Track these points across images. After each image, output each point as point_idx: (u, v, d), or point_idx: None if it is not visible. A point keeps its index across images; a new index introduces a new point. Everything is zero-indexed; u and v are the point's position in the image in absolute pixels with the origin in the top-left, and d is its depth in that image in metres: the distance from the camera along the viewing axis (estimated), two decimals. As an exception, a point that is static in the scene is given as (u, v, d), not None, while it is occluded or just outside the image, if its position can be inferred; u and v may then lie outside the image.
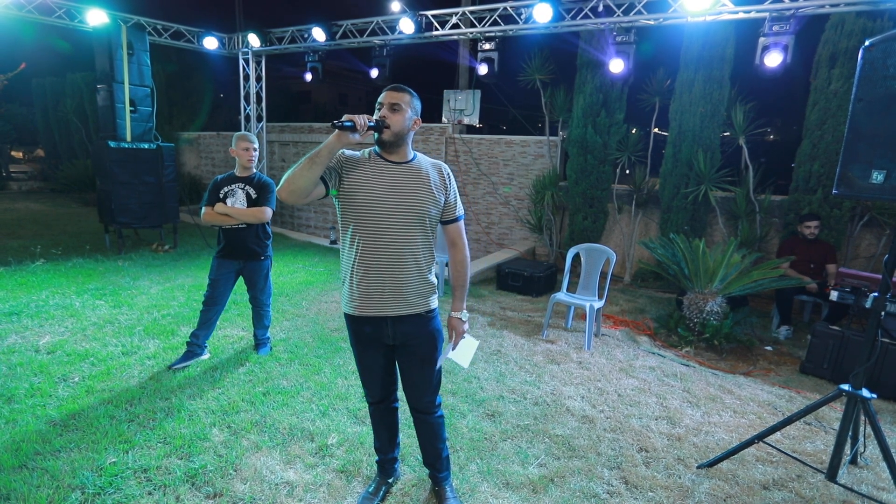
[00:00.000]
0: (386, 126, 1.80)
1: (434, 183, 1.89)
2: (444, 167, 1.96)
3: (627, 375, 3.67)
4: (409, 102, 1.84)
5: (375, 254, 1.83)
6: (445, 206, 1.94)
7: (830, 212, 5.24)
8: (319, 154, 1.69)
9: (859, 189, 2.08)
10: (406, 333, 1.93)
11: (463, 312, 2.03)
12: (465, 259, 2.02)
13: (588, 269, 4.54)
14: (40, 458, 2.36)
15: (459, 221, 2.00)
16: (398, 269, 1.84)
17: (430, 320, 1.96)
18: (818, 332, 3.87)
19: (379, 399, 2.13)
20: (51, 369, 3.24)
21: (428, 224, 1.88)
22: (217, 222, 3.26)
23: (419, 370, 2.00)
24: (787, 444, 2.85)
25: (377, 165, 1.86)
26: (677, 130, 6.01)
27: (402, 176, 1.85)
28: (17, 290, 4.75)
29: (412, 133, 1.90)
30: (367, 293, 1.86)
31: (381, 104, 1.83)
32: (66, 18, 6.49)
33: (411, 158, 1.91)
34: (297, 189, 1.72)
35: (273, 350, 3.73)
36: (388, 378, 2.09)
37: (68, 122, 13.10)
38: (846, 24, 5.02)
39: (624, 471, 2.52)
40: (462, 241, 2.01)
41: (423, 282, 1.91)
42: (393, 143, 1.84)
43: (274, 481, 2.31)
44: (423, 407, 2.07)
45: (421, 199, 1.84)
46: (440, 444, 2.14)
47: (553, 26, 5.60)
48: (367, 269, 1.84)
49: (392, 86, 1.86)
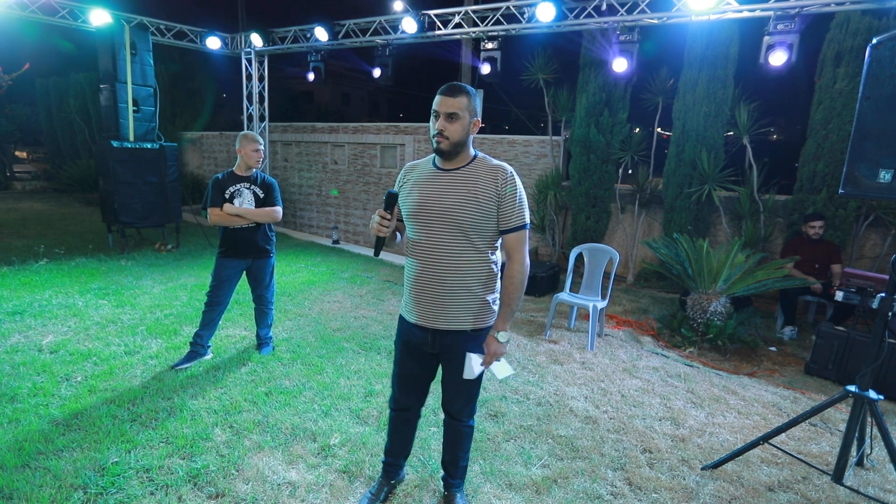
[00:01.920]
0: (445, 137, 1.70)
1: (481, 188, 1.72)
2: (504, 171, 1.74)
3: (631, 376, 3.66)
4: (467, 106, 1.70)
5: (424, 264, 1.80)
6: (500, 213, 1.74)
7: (835, 212, 5.21)
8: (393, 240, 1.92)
9: (866, 188, 2.06)
10: (449, 345, 1.86)
11: (502, 333, 1.81)
12: (519, 274, 1.78)
13: (591, 269, 4.53)
14: (43, 457, 2.36)
15: (518, 232, 1.76)
16: (445, 282, 1.76)
17: (477, 337, 1.84)
18: (823, 333, 3.84)
19: (405, 407, 2.10)
20: (53, 368, 3.24)
21: (473, 238, 1.74)
22: (226, 223, 3.25)
23: (456, 379, 1.93)
24: (792, 445, 2.83)
25: (426, 172, 1.83)
26: (681, 130, 5.99)
27: (446, 183, 1.76)
28: (21, 289, 4.76)
29: (472, 136, 1.77)
30: (417, 301, 1.85)
31: (437, 113, 1.71)
32: (70, 18, 6.50)
33: (468, 162, 1.78)
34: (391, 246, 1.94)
35: (275, 350, 3.72)
36: (420, 388, 2.06)
37: (72, 122, 13.15)
38: (851, 23, 4.99)
39: (628, 472, 2.50)
40: (519, 255, 1.78)
41: (474, 299, 1.78)
42: (452, 152, 1.74)
43: (276, 482, 2.31)
44: (454, 412, 2.03)
45: (460, 207, 1.71)
46: (461, 452, 2.11)
47: (556, 25, 5.59)
48: (415, 278, 1.84)
49: (447, 88, 1.72)
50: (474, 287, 1.80)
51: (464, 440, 2.09)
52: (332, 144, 9.52)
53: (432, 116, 1.75)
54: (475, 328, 1.84)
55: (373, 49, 6.94)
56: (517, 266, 1.80)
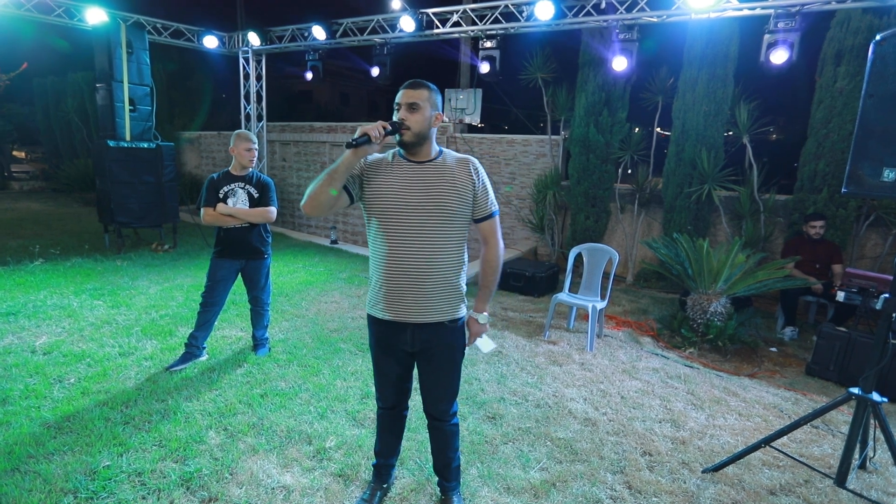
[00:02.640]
0: (406, 128, 1.73)
1: (459, 179, 1.79)
2: (472, 161, 1.85)
3: (630, 377, 3.62)
4: (428, 98, 1.76)
5: (399, 257, 1.77)
6: (475, 202, 1.83)
7: (836, 211, 5.18)
8: (337, 170, 1.68)
9: (869, 187, 2.03)
10: (427, 341, 1.86)
11: (483, 315, 1.95)
12: (497, 258, 1.91)
13: (590, 269, 4.49)
14: (33, 461, 2.32)
15: (493, 218, 1.88)
16: (422, 273, 1.77)
17: (453, 330, 1.88)
18: (824, 334, 3.81)
19: (390, 405, 2.08)
20: (47, 370, 3.20)
21: (456, 225, 1.80)
22: (219, 223, 3.21)
23: (437, 377, 1.94)
24: (794, 447, 2.80)
25: (400, 167, 1.80)
26: (680, 129, 5.96)
27: (425, 175, 1.78)
28: (15, 290, 4.72)
29: (435, 129, 1.82)
30: (391, 297, 1.81)
31: (399, 104, 1.76)
32: (65, 17, 6.46)
33: (436, 156, 1.83)
34: (320, 204, 1.73)
35: (271, 351, 3.69)
36: (402, 385, 2.04)
37: (69, 122, 13.09)
38: (852, 21, 4.96)
39: (627, 475, 2.47)
40: (495, 239, 1.90)
41: (450, 288, 1.83)
42: (415, 144, 1.77)
43: (270, 485, 2.27)
44: (438, 414, 2.02)
45: (445, 198, 1.75)
46: (451, 452, 2.09)
47: (555, 24, 5.55)
48: (390, 273, 1.79)
49: (409, 83, 1.78)
50: (451, 274, 1.83)
51: (452, 440, 2.06)
52: (330, 144, 9.48)
53: (395, 110, 1.78)
54: (451, 319, 1.87)
55: (371, 48, 6.90)
56: (494, 251, 1.91)
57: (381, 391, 2.06)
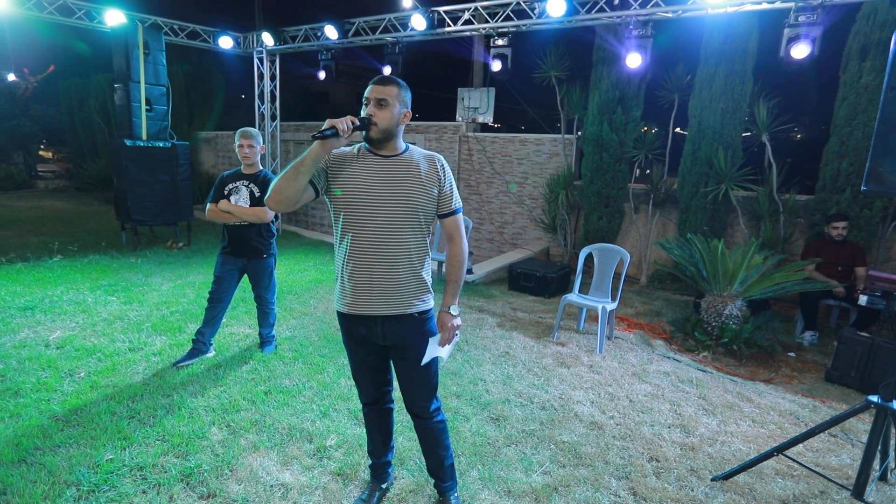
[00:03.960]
0: (373, 124, 1.73)
1: (425, 174, 1.80)
2: (437, 158, 1.87)
3: (640, 380, 3.54)
4: (398, 95, 1.75)
5: (366, 251, 1.76)
6: (440, 198, 1.85)
7: (860, 212, 4.99)
8: (304, 163, 1.66)
9: (891, 185, 1.93)
10: (397, 335, 1.85)
11: (454, 307, 1.92)
12: (462, 254, 1.92)
13: (601, 269, 4.41)
14: (39, 453, 2.36)
15: (457, 214, 1.90)
16: (389, 266, 1.77)
17: (423, 322, 1.88)
18: (845, 339, 3.66)
19: (372, 400, 2.07)
20: (58, 364, 3.26)
21: (422, 218, 1.80)
22: (220, 219, 3.24)
23: (411, 373, 1.93)
24: (809, 457, 2.69)
25: (366, 161, 1.80)
26: (697, 127, 5.81)
27: (391, 169, 1.78)
28: (34, 285, 4.84)
29: (402, 127, 1.82)
30: (358, 291, 1.80)
31: (368, 99, 1.75)
32: (86, 19, 6.61)
33: (402, 151, 1.83)
34: (285, 199, 1.71)
35: (278, 348, 3.70)
36: (381, 378, 2.03)
37: (92, 122, 13.43)
38: (879, 14, 4.77)
39: (633, 481, 2.40)
40: (459, 236, 1.92)
41: (416, 280, 1.83)
42: (382, 140, 1.77)
43: (269, 482, 2.27)
44: (418, 411, 2.00)
45: (411, 192, 1.76)
46: (442, 451, 2.05)
47: (567, 20, 5.46)
48: (357, 267, 1.78)
49: (378, 78, 1.78)
50: (418, 267, 1.84)
51: (440, 437, 2.03)
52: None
53: (363, 105, 1.77)
54: (420, 311, 1.86)
55: (383, 47, 6.90)
56: (458, 247, 1.92)
57: (361, 387, 2.05)
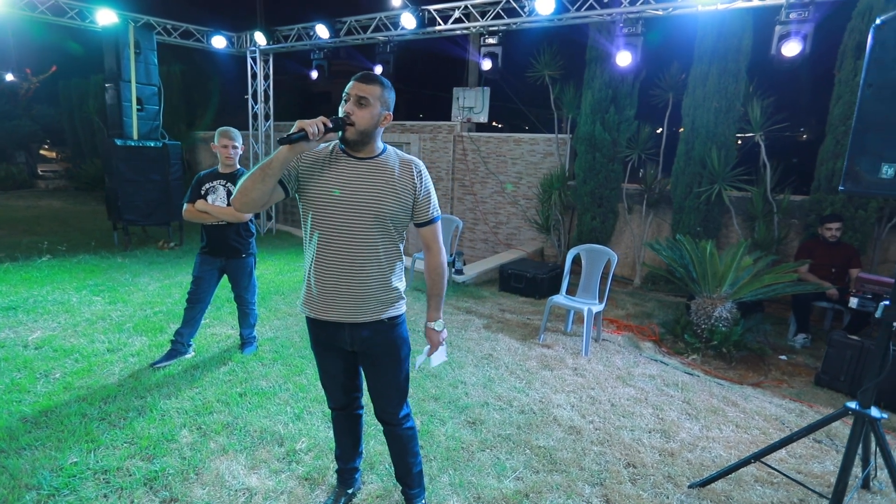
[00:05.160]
0: (349, 124, 1.63)
1: (399, 180, 1.72)
2: (416, 164, 1.77)
3: (624, 384, 3.47)
4: (380, 96, 1.65)
5: (333, 255, 1.69)
6: (416, 206, 1.76)
7: (855, 213, 4.90)
8: (270, 165, 1.57)
9: (867, 185, 1.86)
10: (365, 340, 1.79)
11: (438, 322, 1.90)
12: (441, 265, 1.85)
13: (588, 270, 4.35)
14: (3, 455, 2.33)
15: (434, 224, 1.82)
16: (356, 272, 1.69)
17: (392, 328, 1.81)
18: (835, 342, 3.59)
19: (341, 405, 2.02)
20: (34, 365, 3.24)
21: (392, 226, 1.72)
22: (197, 219, 3.21)
23: (381, 379, 1.87)
24: (791, 463, 2.63)
25: (338, 161, 1.70)
26: (690, 127, 5.74)
27: (363, 172, 1.69)
28: (20, 285, 4.82)
29: (381, 129, 1.73)
30: (323, 296, 1.73)
31: (348, 95, 1.65)
32: (78, 19, 6.60)
33: (378, 153, 1.74)
34: (251, 201, 1.62)
35: (259, 349, 3.66)
36: (349, 384, 1.97)
37: (91, 122, 13.47)
38: (874, 12, 4.67)
39: (607, 488, 2.34)
40: (437, 246, 1.84)
41: (385, 288, 1.75)
42: (358, 142, 1.68)
43: (234, 487, 2.23)
44: (388, 418, 1.94)
45: (382, 198, 1.67)
46: (410, 458, 2.00)
47: (557, 19, 5.40)
48: (323, 271, 1.71)
49: (361, 74, 1.67)
50: (388, 274, 1.76)
51: (409, 444, 1.98)
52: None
53: (342, 101, 1.67)
54: (390, 317, 1.79)
55: (375, 46, 6.86)
56: (437, 257, 1.85)
57: (329, 392, 1.99)
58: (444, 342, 1.95)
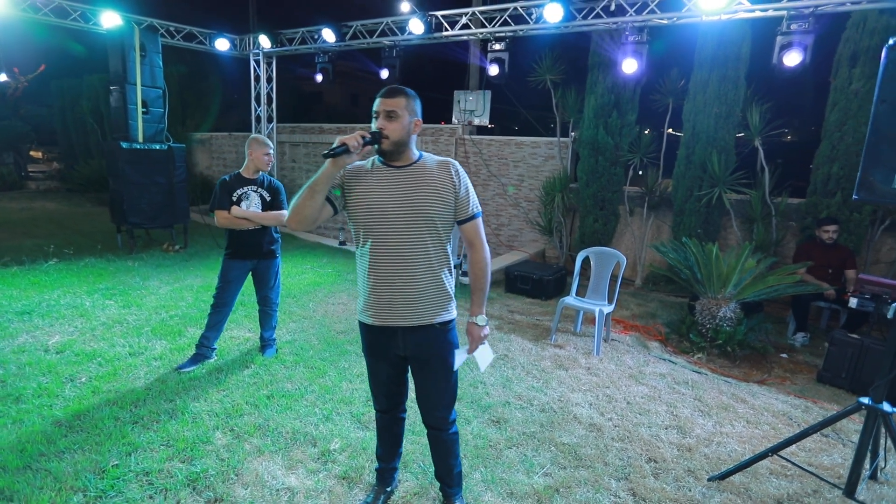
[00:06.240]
0: (384, 137, 1.74)
1: (440, 180, 1.81)
2: (452, 164, 1.86)
3: (637, 382, 3.59)
4: (406, 106, 1.76)
5: (386, 261, 1.78)
6: (457, 204, 1.84)
7: (850, 216, 5.09)
8: (318, 182, 1.70)
9: (881, 194, 2.00)
10: (418, 345, 1.87)
11: (480, 317, 1.93)
12: (484, 260, 1.90)
13: (598, 272, 4.47)
14: (44, 459, 2.37)
15: (476, 219, 1.88)
16: (411, 276, 1.78)
17: (445, 333, 1.89)
18: (836, 340, 3.75)
19: (386, 408, 2.09)
20: (59, 369, 3.26)
21: (439, 226, 1.80)
22: (233, 226, 3.26)
23: (431, 384, 1.95)
24: (802, 456, 2.76)
25: (380, 173, 1.82)
26: (691, 131, 5.90)
27: (406, 178, 1.79)
28: (30, 289, 4.81)
29: (415, 136, 1.84)
30: (380, 303, 1.81)
31: (377, 112, 1.77)
32: (82, 21, 6.58)
33: (416, 159, 1.84)
34: (304, 218, 1.75)
35: (278, 352, 3.72)
36: (396, 390, 2.05)
37: (85, 123, 13.32)
38: (868, 22, 4.87)
39: (632, 482, 2.45)
40: (480, 241, 1.90)
41: (437, 289, 1.83)
42: (394, 152, 1.78)
43: (275, 487, 2.29)
44: (436, 422, 2.01)
45: (427, 200, 1.77)
46: (453, 460, 2.09)
47: (564, 26, 5.53)
48: (378, 279, 1.80)
49: (386, 90, 1.79)
50: (437, 276, 1.83)
51: (452, 448, 2.06)
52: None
53: (373, 118, 1.79)
54: (441, 321, 1.86)
55: (380, 50, 6.93)
56: (480, 253, 1.90)
57: (375, 395, 2.08)
58: (487, 340, 1.99)
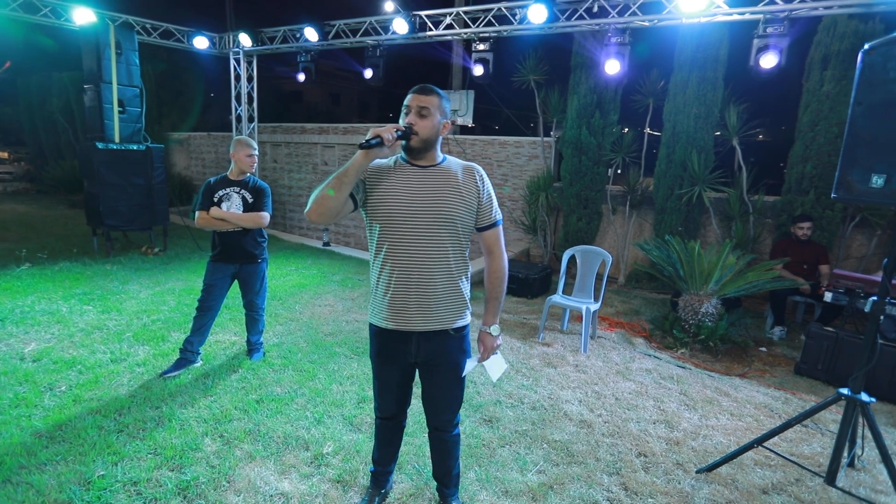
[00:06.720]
0: (414, 133, 1.70)
1: (464, 184, 1.77)
2: (476, 168, 1.82)
3: (624, 378, 3.66)
4: (438, 105, 1.73)
5: (403, 263, 1.73)
6: (479, 209, 1.80)
7: (823, 213, 5.27)
8: (347, 174, 1.63)
9: (859, 193, 2.07)
10: (431, 351, 1.83)
11: (494, 327, 1.91)
12: (503, 269, 1.87)
13: (584, 271, 4.53)
14: (25, 471, 2.29)
15: (497, 227, 1.85)
16: (428, 279, 1.74)
17: (459, 340, 1.86)
18: (812, 334, 3.88)
19: (391, 415, 2.07)
20: (36, 378, 3.15)
21: (460, 230, 1.76)
22: (212, 226, 3.20)
23: (441, 389, 1.93)
24: (784, 446, 2.85)
25: (404, 172, 1.76)
26: (671, 131, 6.02)
27: (429, 180, 1.75)
28: (2, 295, 4.63)
29: (441, 138, 1.79)
30: (395, 306, 1.77)
31: (409, 108, 1.72)
32: (52, 17, 6.35)
33: (440, 161, 1.80)
34: (327, 211, 1.66)
35: (266, 356, 3.66)
36: (402, 396, 2.03)
37: (55, 122, 12.88)
38: (838, 27, 5.05)
39: (623, 476, 2.50)
40: (500, 250, 1.87)
41: (454, 294, 1.80)
42: (421, 150, 1.74)
43: (268, 493, 2.26)
44: (441, 425, 2.01)
45: (450, 203, 1.72)
46: (452, 461, 2.09)
47: (548, 27, 5.58)
48: (394, 280, 1.75)
49: (419, 87, 1.74)
50: (456, 281, 1.80)
51: (453, 450, 2.07)
52: (322, 145, 9.44)
53: (402, 113, 1.75)
54: (455, 328, 1.84)
55: (363, 49, 6.88)
56: (499, 261, 1.88)
57: (381, 402, 2.04)
58: (499, 349, 1.96)
